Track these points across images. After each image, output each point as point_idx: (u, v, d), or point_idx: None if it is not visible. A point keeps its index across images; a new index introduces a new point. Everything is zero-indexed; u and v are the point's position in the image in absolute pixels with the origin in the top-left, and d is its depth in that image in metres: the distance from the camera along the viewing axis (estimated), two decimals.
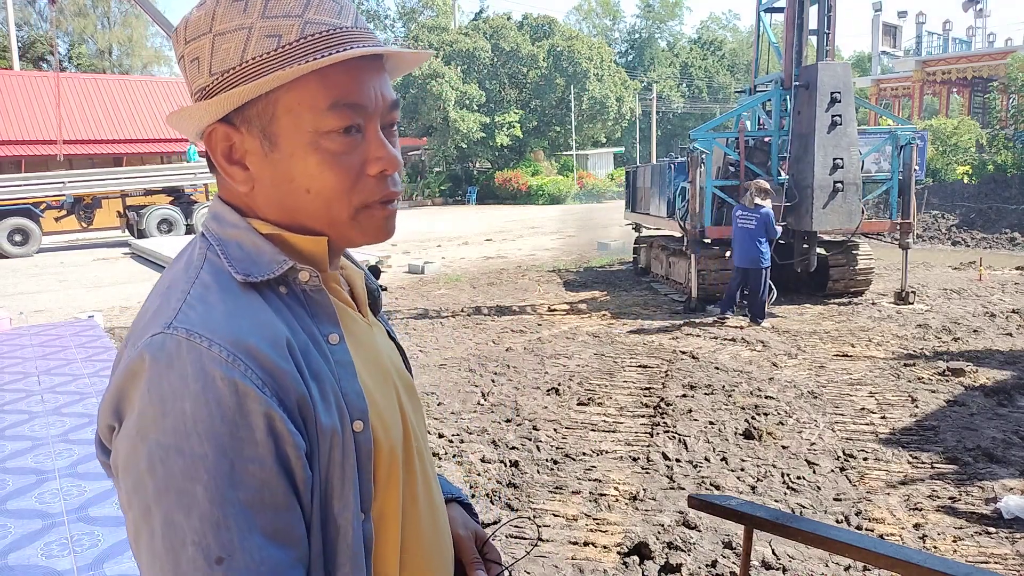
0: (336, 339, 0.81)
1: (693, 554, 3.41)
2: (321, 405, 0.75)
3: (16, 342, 8.07)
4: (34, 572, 3.19)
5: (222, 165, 0.82)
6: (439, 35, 37.45)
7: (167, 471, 0.68)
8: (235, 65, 0.78)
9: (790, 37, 9.73)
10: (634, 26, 58.40)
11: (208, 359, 0.70)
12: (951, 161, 21.11)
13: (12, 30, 30.72)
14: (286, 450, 0.71)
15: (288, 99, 0.78)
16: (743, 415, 5.31)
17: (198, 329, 0.72)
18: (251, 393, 0.69)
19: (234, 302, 0.76)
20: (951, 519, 3.75)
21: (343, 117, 0.79)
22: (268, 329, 0.75)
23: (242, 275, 0.78)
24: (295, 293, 0.81)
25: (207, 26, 0.79)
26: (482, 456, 4.64)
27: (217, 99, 0.78)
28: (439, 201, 37.65)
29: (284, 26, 0.77)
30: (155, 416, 0.69)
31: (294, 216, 0.83)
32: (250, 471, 0.69)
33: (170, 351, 0.71)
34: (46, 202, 19.60)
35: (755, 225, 8.26)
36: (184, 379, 0.69)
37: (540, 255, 15.84)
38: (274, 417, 0.70)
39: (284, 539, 0.71)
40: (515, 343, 7.80)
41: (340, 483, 0.76)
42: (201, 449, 0.67)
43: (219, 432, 0.68)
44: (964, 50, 30.80)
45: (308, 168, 0.80)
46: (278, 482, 0.71)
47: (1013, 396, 5.60)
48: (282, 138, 0.79)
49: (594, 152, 42.50)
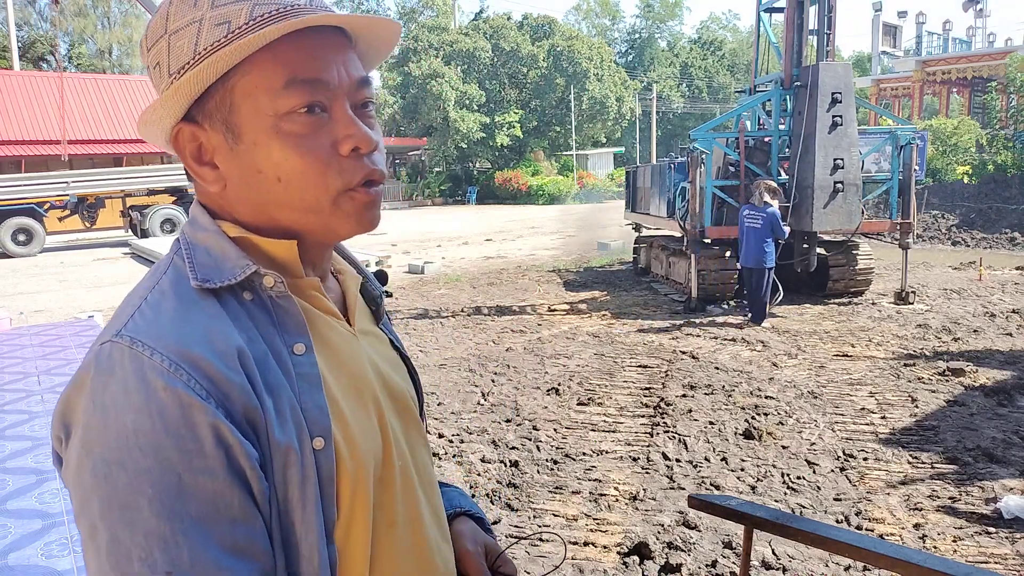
0: (302, 350, 0.76)
1: (693, 554, 3.42)
2: (275, 419, 0.71)
3: (16, 342, 8.07)
4: (34, 572, 3.19)
5: (192, 167, 0.79)
6: (439, 35, 37.46)
7: (111, 486, 0.65)
8: (189, 60, 0.75)
9: (790, 37, 9.73)
10: (634, 26, 58.43)
11: (149, 368, 0.67)
12: (951, 161, 21.11)
13: (12, 30, 30.72)
14: (239, 460, 0.68)
15: (244, 83, 0.75)
16: (743, 415, 5.31)
17: (142, 337, 0.69)
18: (196, 403, 0.66)
19: (187, 309, 0.72)
20: (951, 519, 3.75)
21: (302, 95, 0.75)
22: (217, 338, 0.71)
23: (200, 281, 0.74)
24: (261, 300, 0.77)
25: (162, 28, 0.77)
26: (482, 456, 4.64)
27: (169, 92, 0.75)
28: (439, 201, 37.66)
29: (233, 11, 0.74)
30: (99, 429, 0.66)
31: (270, 212, 0.79)
32: (201, 483, 0.66)
33: (113, 360, 0.68)
34: (50, 202, 19.66)
35: (761, 225, 8.26)
36: (126, 390, 0.66)
37: (540, 255, 15.84)
38: (221, 427, 0.67)
39: (245, 552, 0.67)
40: (515, 343, 7.80)
41: (301, 505, 0.72)
42: (145, 463, 0.65)
43: (164, 445, 0.65)
44: (964, 50, 30.81)
45: (273, 155, 0.75)
46: (233, 493, 0.67)
47: (1013, 396, 5.61)
48: (244, 127, 0.76)
49: (594, 152, 42.52)
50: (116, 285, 13.17)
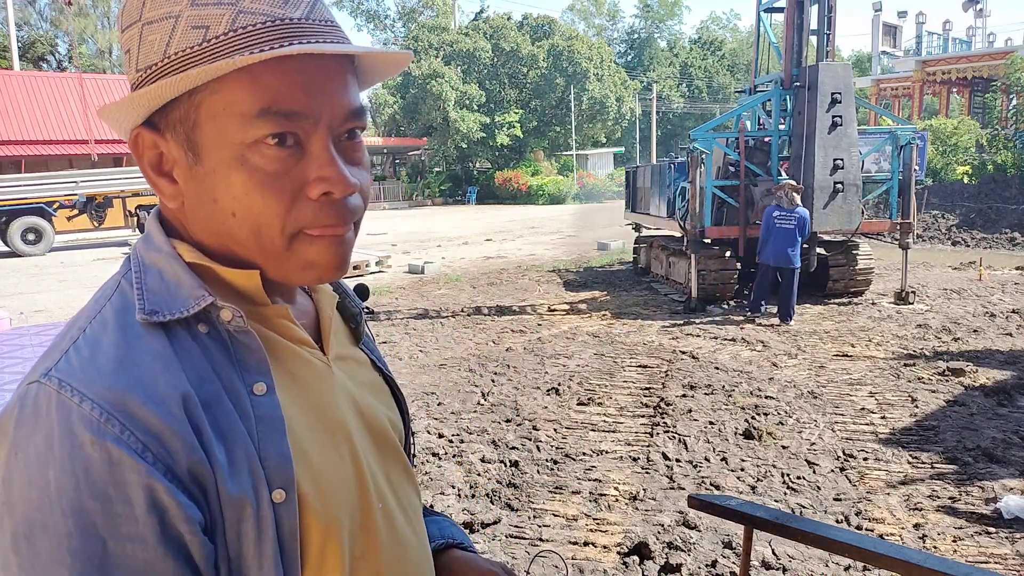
0: (262, 389, 0.68)
1: (693, 554, 3.42)
2: (227, 470, 0.63)
3: (16, 342, 8.06)
4: None
5: (149, 176, 0.70)
6: (439, 35, 37.48)
7: (32, 551, 0.57)
8: (157, 61, 0.66)
9: (790, 37, 9.73)
10: (633, 26, 58.45)
11: (77, 418, 0.59)
12: (951, 161, 21.12)
13: (12, 30, 30.74)
14: (175, 526, 0.59)
15: (212, 103, 0.65)
16: (743, 415, 5.31)
17: (71, 380, 0.61)
18: (126, 460, 0.58)
19: (128, 346, 0.64)
20: (951, 519, 3.75)
21: (274, 125, 0.65)
22: (162, 380, 0.62)
23: (146, 314, 0.66)
24: (218, 333, 0.68)
25: (137, 12, 0.67)
26: (482, 456, 4.64)
27: (132, 96, 0.66)
28: (439, 201, 37.67)
29: (213, 16, 0.64)
30: (20, 485, 0.58)
31: (224, 242, 0.70)
32: (129, 552, 0.58)
33: (39, 405, 0.60)
34: (59, 201, 19.84)
35: (794, 225, 8.32)
36: (49, 442, 0.58)
37: (540, 255, 15.84)
38: (156, 488, 0.59)
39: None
40: (515, 343, 7.80)
41: (257, 563, 0.64)
42: (65, 527, 0.57)
43: (86, 508, 0.57)
44: (964, 50, 30.82)
45: (232, 188, 0.66)
46: (166, 564, 0.59)
47: (1013, 396, 5.61)
48: (205, 149, 0.66)
49: (594, 152, 42.53)
50: None
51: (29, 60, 38.85)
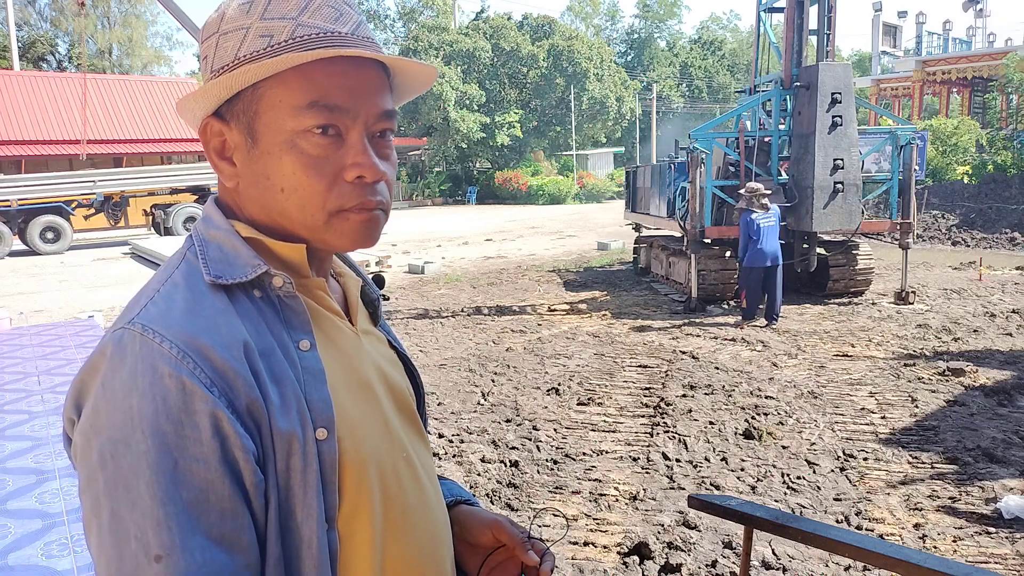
0: (307, 346, 0.80)
1: (693, 554, 3.42)
2: (279, 409, 0.74)
3: (16, 342, 8.07)
4: (34, 572, 3.19)
5: (212, 159, 0.84)
6: (439, 35, 37.44)
7: (116, 466, 0.68)
8: (229, 62, 0.80)
9: (790, 37, 9.73)
10: (632, 26, 58.42)
11: (158, 355, 0.70)
12: (951, 161, 21.10)
13: (12, 30, 30.73)
14: (233, 452, 0.70)
15: (271, 95, 0.79)
16: (743, 415, 5.31)
17: (153, 325, 0.72)
18: (198, 392, 0.69)
19: (197, 302, 0.76)
20: (951, 519, 3.75)
21: (320, 117, 0.79)
22: (225, 330, 0.74)
23: (212, 276, 0.78)
24: (269, 298, 0.80)
25: (215, 27, 0.82)
26: (482, 456, 4.64)
27: (206, 87, 0.80)
28: (439, 201, 37.65)
29: (277, 27, 0.79)
30: (107, 411, 0.69)
31: (272, 216, 0.83)
32: (194, 470, 0.68)
33: (125, 346, 0.71)
34: (77, 200, 20.04)
35: (775, 220, 8.33)
36: (134, 374, 0.69)
37: (540, 255, 15.84)
38: (221, 417, 0.69)
39: (230, 544, 0.69)
40: (515, 343, 7.80)
41: (302, 491, 0.75)
42: (145, 445, 0.67)
43: (163, 429, 0.68)
44: (964, 50, 30.81)
45: (283, 167, 0.79)
46: (224, 484, 0.69)
47: (1013, 396, 5.61)
48: (262, 135, 0.80)
49: (594, 152, 42.50)
50: (116, 285, 13.17)
51: (29, 60, 38.83)
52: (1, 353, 7.51)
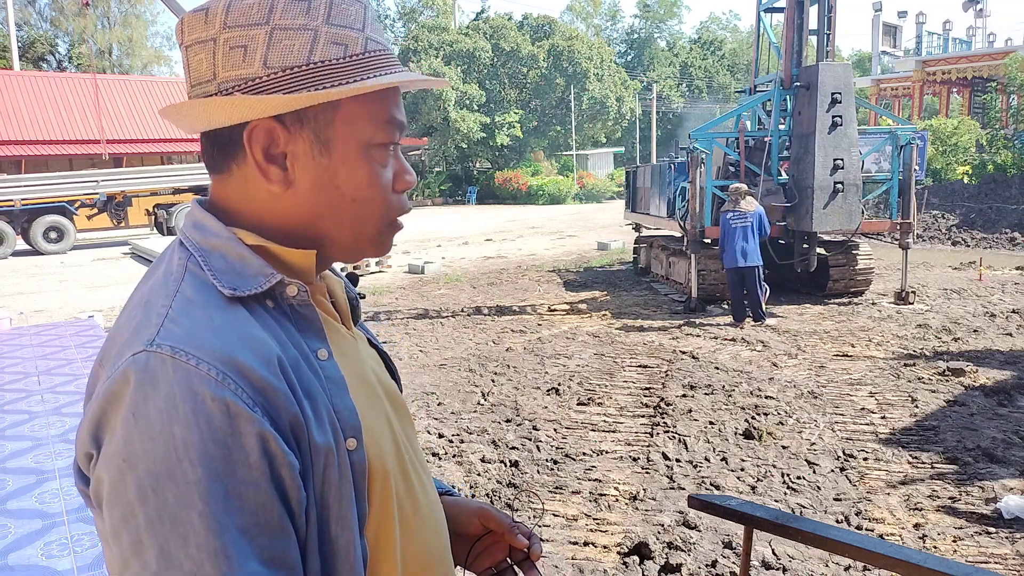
0: (325, 355, 0.78)
1: (693, 554, 3.42)
2: (315, 423, 0.72)
3: (16, 342, 8.07)
4: (34, 572, 3.19)
5: (259, 161, 0.78)
6: (439, 35, 37.44)
7: (159, 500, 0.64)
8: (300, 64, 0.76)
9: (790, 37, 9.73)
10: (632, 26, 58.41)
11: (196, 378, 0.66)
12: (951, 161, 21.10)
13: (12, 30, 30.73)
14: (280, 472, 0.68)
15: (351, 108, 0.79)
16: (743, 415, 5.31)
17: (183, 346, 0.68)
18: (243, 413, 0.66)
19: (220, 317, 0.72)
20: (951, 519, 3.75)
21: (392, 133, 0.81)
22: (258, 345, 0.71)
23: (229, 288, 0.74)
24: (282, 307, 0.78)
25: (262, 17, 0.76)
26: (482, 456, 4.64)
27: (293, 98, 0.75)
28: (439, 201, 37.67)
29: (350, 37, 0.78)
30: (144, 442, 0.65)
31: (321, 224, 0.81)
32: (245, 495, 0.66)
33: (154, 370, 0.66)
34: (80, 200, 20.09)
35: (748, 223, 8.29)
36: (171, 401, 0.65)
37: (540, 255, 15.84)
38: (268, 438, 0.67)
39: (280, 564, 0.68)
40: (515, 343, 7.80)
41: (337, 504, 0.74)
42: (194, 475, 0.64)
43: (212, 456, 0.65)
44: (964, 50, 30.81)
45: (357, 178, 0.80)
46: (273, 506, 0.68)
47: (1013, 396, 5.60)
48: (336, 144, 0.79)
49: (594, 152, 42.49)
50: (116, 285, 13.18)
51: (29, 60, 38.82)
52: (1, 353, 7.51)
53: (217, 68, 0.76)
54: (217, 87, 0.77)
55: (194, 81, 0.78)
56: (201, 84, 0.78)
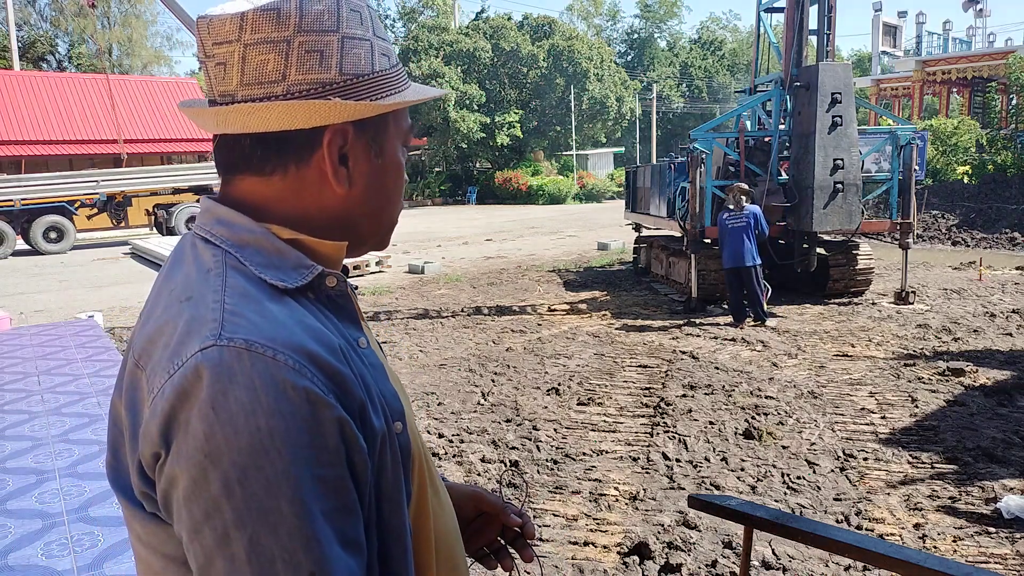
0: (364, 343, 0.81)
1: (693, 554, 3.42)
2: (371, 408, 0.75)
3: (16, 342, 8.07)
4: (34, 572, 3.19)
5: (334, 164, 0.80)
6: (439, 35, 37.43)
7: (247, 492, 0.64)
8: (367, 73, 0.81)
9: (790, 37, 9.73)
10: (632, 26, 58.43)
11: (276, 369, 0.67)
12: (951, 161, 21.09)
13: (12, 30, 30.72)
14: (353, 456, 0.71)
15: (397, 115, 0.87)
16: (743, 415, 5.31)
17: (255, 338, 0.68)
18: (322, 400, 0.68)
19: (279, 309, 0.73)
20: (951, 519, 3.75)
21: (411, 136, 0.89)
22: (321, 335, 0.73)
23: (279, 281, 0.75)
24: (320, 299, 0.80)
25: (333, 25, 0.78)
26: (482, 456, 4.64)
27: (373, 104, 0.81)
28: (439, 201, 37.66)
29: (389, 49, 0.85)
30: (226, 436, 0.65)
31: (364, 222, 0.87)
32: (328, 480, 0.68)
33: (230, 364, 0.67)
34: (80, 200, 20.10)
35: (744, 223, 8.30)
36: (254, 392, 0.66)
37: (540, 255, 15.84)
38: (344, 423, 0.69)
39: (355, 547, 0.70)
40: (515, 343, 7.80)
41: (391, 486, 0.76)
42: (283, 464, 0.65)
43: (298, 443, 0.66)
44: (964, 50, 30.80)
45: (396, 179, 0.88)
46: (349, 489, 0.70)
47: (1013, 396, 5.60)
48: (388, 147, 0.86)
49: (594, 152, 42.49)
50: (116, 285, 13.17)
51: (29, 60, 38.82)
52: (1, 353, 7.51)
53: (289, 70, 0.77)
54: (286, 88, 0.77)
55: (251, 79, 0.77)
56: (262, 84, 0.77)
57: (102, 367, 6.73)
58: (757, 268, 8.30)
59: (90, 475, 4.19)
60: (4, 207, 18.69)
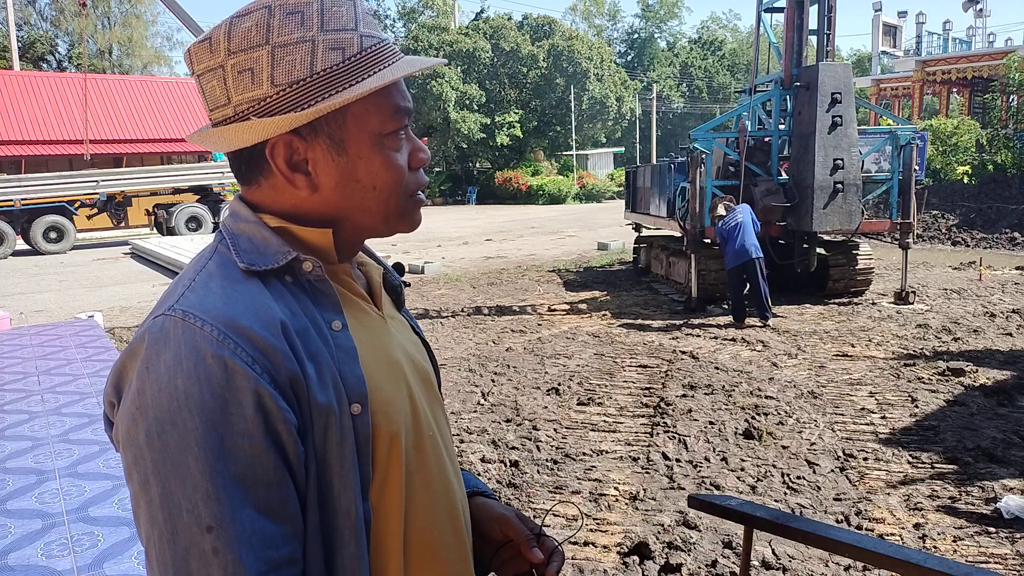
0: (339, 326, 0.84)
1: (693, 554, 3.42)
2: (316, 384, 0.78)
3: (16, 342, 8.06)
4: (34, 572, 3.19)
5: (285, 173, 0.84)
6: (439, 35, 37.45)
7: (163, 444, 0.72)
8: (304, 77, 0.81)
9: (790, 37, 9.73)
10: (632, 26, 58.44)
11: (200, 338, 0.74)
12: (951, 161, 21.07)
13: (12, 30, 30.72)
14: (276, 426, 0.74)
15: (358, 108, 0.84)
16: (743, 415, 5.31)
17: (193, 310, 0.76)
18: (240, 370, 0.73)
19: (233, 288, 0.79)
20: (951, 519, 3.75)
21: (401, 120, 0.87)
22: (262, 311, 0.78)
23: (246, 264, 0.82)
24: (300, 283, 0.85)
25: (262, 38, 0.81)
26: (482, 456, 4.64)
27: (298, 115, 0.81)
28: (439, 201, 37.65)
29: (345, 40, 0.82)
30: (152, 392, 0.73)
31: (349, 215, 0.88)
32: (240, 445, 0.72)
33: (167, 331, 0.75)
34: (80, 200, 20.11)
35: (739, 220, 8.33)
36: (178, 357, 0.73)
37: (540, 255, 15.84)
38: (263, 394, 0.73)
39: (276, 514, 0.74)
40: (515, 343, 7.79)
41: (339, 463, 0.79)
42: (192, 423, 0.71)
43: (209, 407, 0.71)
44: (964, 50, 30.79)
45: (374, 167, 0.86)
46: (268, 457, 0.74)
47: (1013, 396, 5.60)
48: (350, 143, 0.85)
49: (594, 152, 42.49)
50: (116, 285, 13.17)
51: (29, 60, 38.82)
52: (1, 353, 7.51)
53: (230, 93, 0.82)
54: (233, 110, 0.83)
55: (211, 106, 0.85)
56: (218, 108, 0.84)
57: (102, 367, 6.73)
58: (761, 261, 8.29)
59: (90, 475, 4.19)
60: (4, 207, 18.70)
